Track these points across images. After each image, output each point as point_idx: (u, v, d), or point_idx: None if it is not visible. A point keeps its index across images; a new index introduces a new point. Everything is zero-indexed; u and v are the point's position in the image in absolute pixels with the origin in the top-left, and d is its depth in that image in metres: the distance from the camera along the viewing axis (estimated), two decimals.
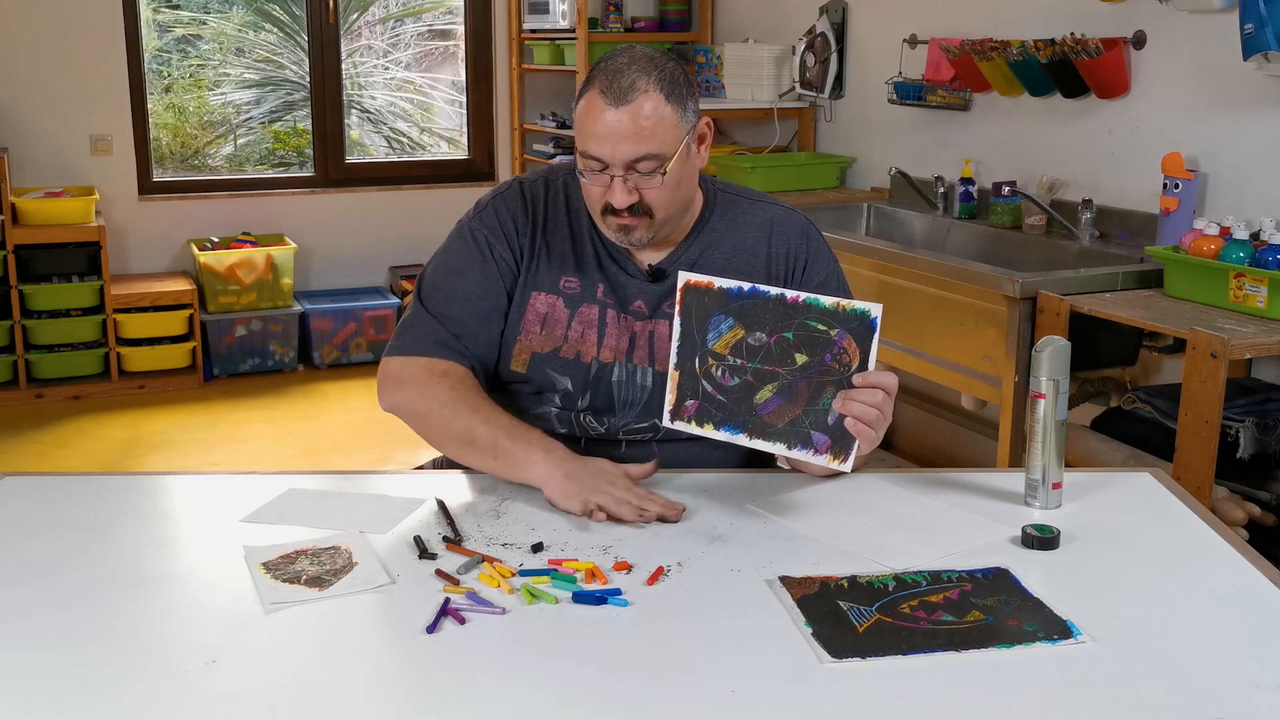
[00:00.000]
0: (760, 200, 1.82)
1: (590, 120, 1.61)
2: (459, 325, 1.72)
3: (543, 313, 1.73)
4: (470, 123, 5.76)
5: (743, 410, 1.52)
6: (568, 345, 1.73)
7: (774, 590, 1.33)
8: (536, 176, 1.81)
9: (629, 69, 1.61)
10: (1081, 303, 2.55)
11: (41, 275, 4.73)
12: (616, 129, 1.59)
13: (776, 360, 1.52)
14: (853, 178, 4.23)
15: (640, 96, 1.59)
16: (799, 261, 1.78)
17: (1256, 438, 2.39)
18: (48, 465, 4.13)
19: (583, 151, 1.63)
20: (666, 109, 1.61)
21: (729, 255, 1.76)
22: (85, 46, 4.92)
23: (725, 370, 1.53)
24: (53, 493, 1.63)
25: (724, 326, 1.54)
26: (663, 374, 1.71)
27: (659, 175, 1.62)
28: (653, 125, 1.60)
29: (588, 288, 1.74)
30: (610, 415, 1.74)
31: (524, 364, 1.74)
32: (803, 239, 1.79)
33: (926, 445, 4.00)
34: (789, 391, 1.51)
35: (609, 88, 1.60)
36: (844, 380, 1.50)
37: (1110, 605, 1.32)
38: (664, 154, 1.61)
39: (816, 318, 1.51)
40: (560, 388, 1.73)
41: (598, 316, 1.73)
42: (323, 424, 4.58)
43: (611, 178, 1.61)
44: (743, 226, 1.78)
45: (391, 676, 1.17)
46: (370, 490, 1.65)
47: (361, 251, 5.53)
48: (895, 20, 3.91)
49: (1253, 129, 2.76)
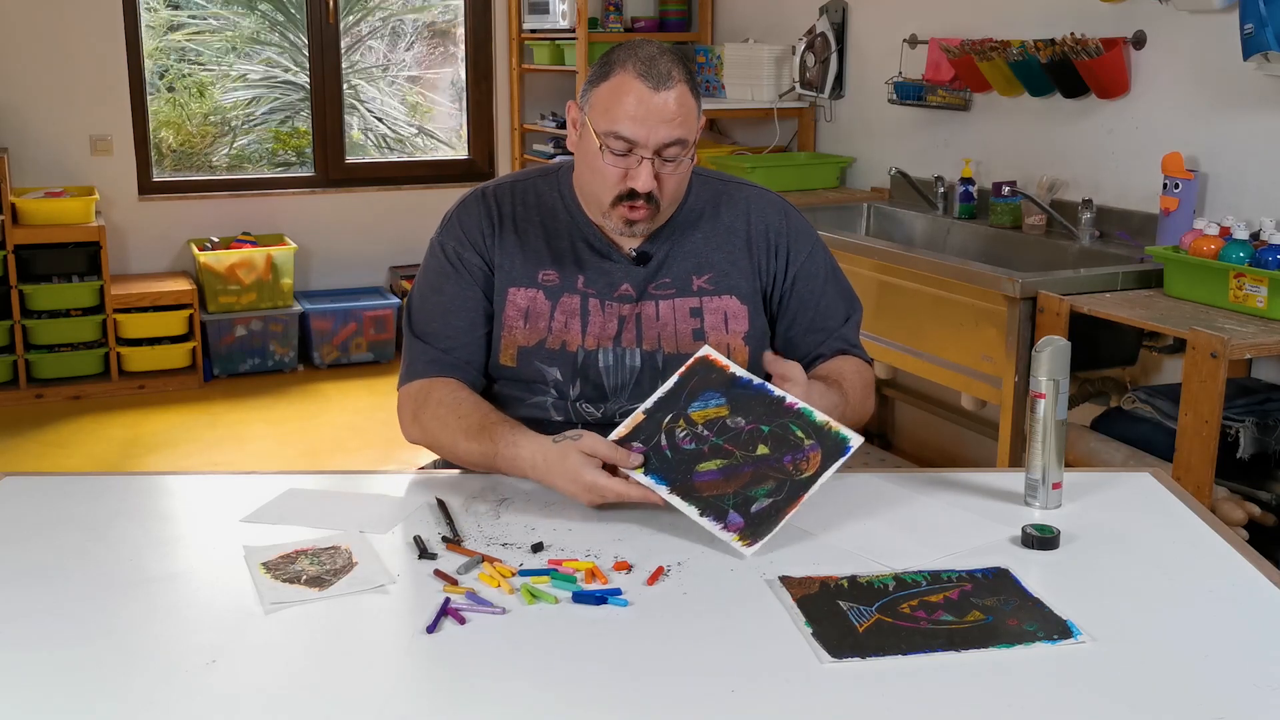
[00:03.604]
0: (734, 182, 1.85)
1: (626, 102, 1.62)
2: (446, 340, 1.76)
3: (523, 307, 1.76)
4: (470, 123, 5.76)
5: (680, 472, 1.49)
6: (552, 336, 1.75)
7: (774, 590, 1.33)
8: (501, 182, 1.83)
9: (661, 58, 1.64)
10: (1081, 303, 2.55)
11: (41, 275, 4.73)
12: (658, 112, 1.62)
13: (739, 444, 1.50)
14: (853, 178, 4.23)
15: (677, 84, 1.64)
16: (781, 238, 1.81)
17: (1256, 438, 2.39)
18: (48, 465, 4.13)
19: (611, 132, 1.64)
20: (692, 101, 1.67)
21: (708, 234, 1.79)
22: (85, 46, 4.92)
23: (688, 435, 1.51)
24: (53, 493, 1.63)
25: (712, 402, 1.53)
26: (651, 353, 1.74)
27: (685, 162, 1.66)
28: (685, 113, 1.64)
29: (567, 279, 1.76)
30: (604, 401, 1.76)
31: (512, 358, 1.76)
32: (781, 217, 1.82)
33: (926, 445, 4.00)
34: (732, 471, 1.48)
35: (648, 72, 1.62)
36: (791, 483, 1.46)
37: (1110, 605, 1.31)
38: (690, 141, 1.66)
39: (800, 425, 1.50)
40: (551, 378, 1.76)
41: (579, 306, 1.75)
42: (323, 424, 4.58)
43: (640, 159, 1.64)
44: (720, 206, 1.81)
45: (391, 676, 1.17)
46: (370, 490, 1.65)
47: (361, 251, 5.53)
48: (895, 20, 3.91)
49: (1253, 129, 2.76)
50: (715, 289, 1.77)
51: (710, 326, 1.76)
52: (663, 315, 1.76)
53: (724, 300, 1.77)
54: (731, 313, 1.77)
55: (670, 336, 1.76)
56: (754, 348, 1.78)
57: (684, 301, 1.76)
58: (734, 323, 1.77)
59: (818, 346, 1.81)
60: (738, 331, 1.77)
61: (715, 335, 1.76)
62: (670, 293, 1.76)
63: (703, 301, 1.77)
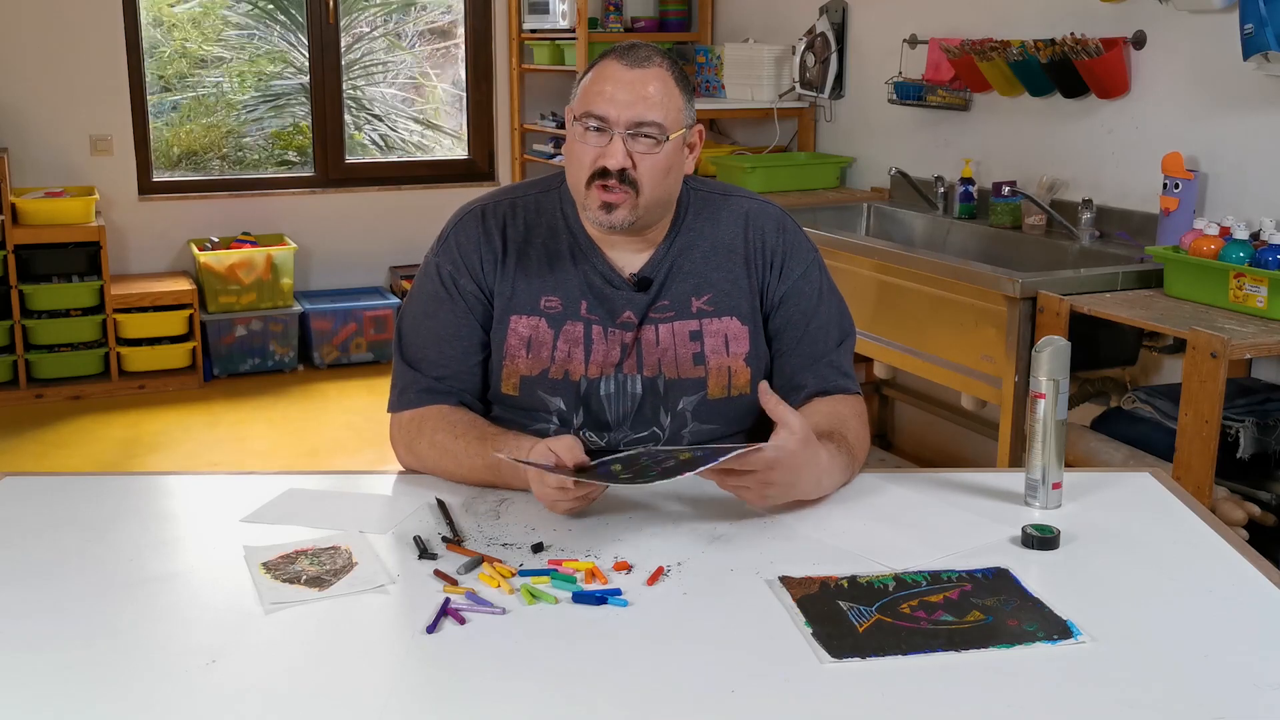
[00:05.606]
0: (734, 195, 1.82)
1: (600, 81, 1.63)
2: (439, 368, 1.73)
3: (525, 336, 1.72)
4: (470, 123, 5.76)
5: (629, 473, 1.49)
6: (555, 366, 1.71)
7: (774, 590, 1.33)
8: (500, 200, 1.78)
9: (644, 48, 1.66)
10: (1081, 303, 2.55)
11: (41, 275, 4.73)
12: (629, 89, 1.62)
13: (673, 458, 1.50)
14: (853, 178, 4.23)
15: (655, 68, 1.64)
16: (776, 255, 1.77)
17: (1256, 438, 2.39)
18: (48, 465, 4.13)
19: (585, 112, 1.63)
20: (675, 90, 1.66)
21: (707, 253, 1.75)
22: (85, 46, 4.92)
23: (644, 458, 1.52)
24: (53, 493, 1.63)
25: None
26: (652, 379, 1.72)
27: (658, 145, 1.63)
28: (661, 98, 1.63)
29: (570, 305, 1.72)
30: (607, 430, 1.73)
31: (514, 387, 1.73)
32: (778, 232, 1.78)
33: (926, 445, 4.00)
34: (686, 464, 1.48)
35: (625, 55, 1.65)
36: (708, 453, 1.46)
37: (1110, 605, 1.31)
38: (666, 127, 1.63)
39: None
40: (554, 408, 1.73)
41: (583, 334, 1.71)
42: (323, 424, 4.58)
43: (611, 137, 1.62)
44: (719, 223, 1.77)
45: (391, 676, 1.17)
46: (370, 490, 1.65)
47: (361, 251, 5.53)
48: (895, 20, 3.91)
49: (1253, 129, 2.76)
50: (715, 310, 1.73)
51: (711, 350, 1.72)
52: (662, 340, 1.72)
53: (724, 322, 1.73)
54: (732, 334, 1.73)
55: (671, 362, 1.72)
56: (755, 369, 1.74)
57: (683, 325, 1.72)
58: (734, 344, 1.73)
59: (807, 370, 1.75)
60: (738, 353, 1.73)
61: (716, 358, 1.72)
62: (669, 315, 1.72)
63: (702, 324, 1.72)
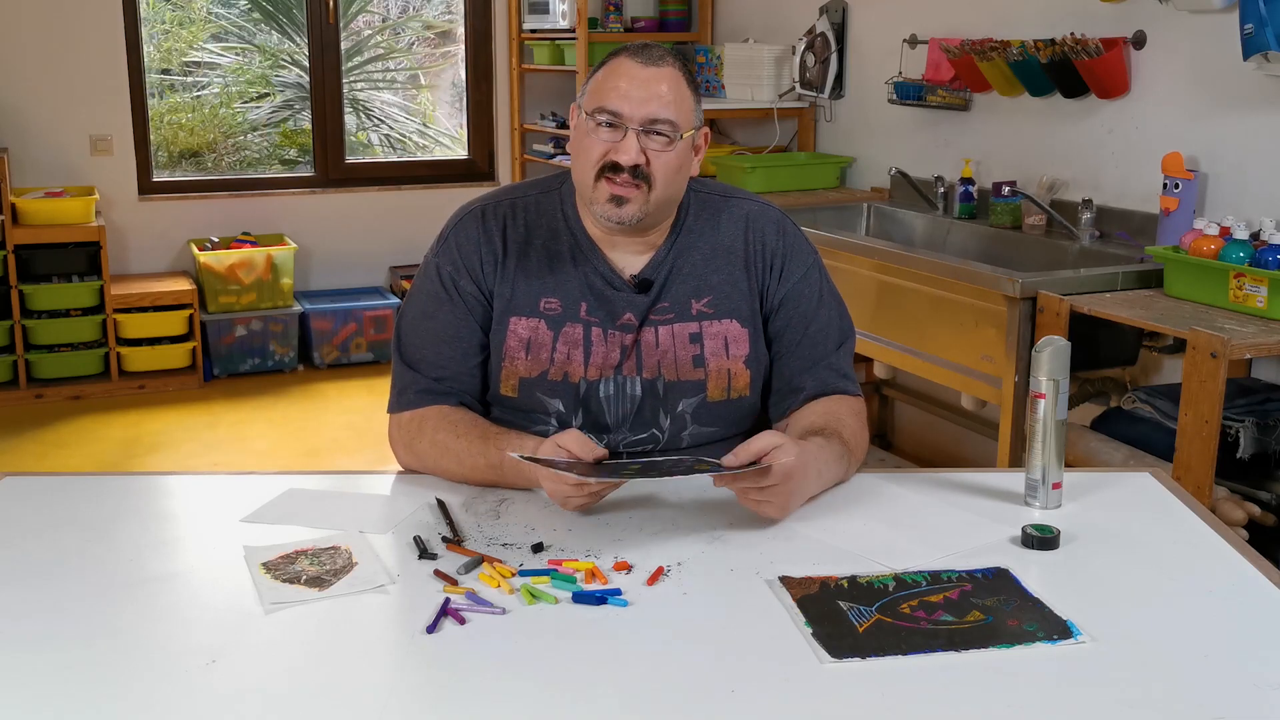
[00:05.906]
0: (734, 196, 1.81)
1: (615, 77, 1.64)
2: (438, 369, 1.72)
3: (525, 338, 1.71)
4: (470, 123, 5.76)
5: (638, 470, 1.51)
6: (554, 368, 1.71)
7: (774, 590, 1.33)
8: (500, 200, 1.78)
9: (657, 48, 1.68)
10: (1081, 303, 2.55)
11: (41, 275, 4.73)
12: (643, 87, 1.63)
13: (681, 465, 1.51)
14: (853, 178, 4.23)
15: (668, 68, 1.66)
16: (775, 257, 1.77)
17: (1256, 438, 2.39)
18: (48, 465, 4.13)
19: (598, 107, 1.64)
20: (686, 91, 1.67)
21: (708, 255, 1.75)
22: (85, 46, 4.92)
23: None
24: (53, 493, 1.63)
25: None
26: (651, 381, 1.72)
27: (671, 144, 1.64)
28: (675, 98, 1.65)
29: (569, 307, 1.71)
30: (606, 432, 1.73)
31: (513, 389, 1.73)
32: (778, 235, 1.78)
33: (926, 445, 4.00)
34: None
35: (638, 53, 1.66)
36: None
37: (1110, 605, 1.31)
38: (679, 125, 1.65)
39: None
40: (552, 409, 1.73)
41: (582, 335, 1.71)
42: (323, 424, 4.58)
43: (625, 132, 1.63)
44: (719, 225, 1.77)
45: (391, 676, 1.17)
46: (370, 490, 1.65)
47: (361, 251, 5.53)
48: (895, 20, 3.91)
49: (1253, 129, 2.76)
50: (715, 313, 1.73)
51: (710, 352, 1.72)
52: (662, 342, 1.72)
53: (724, 325, 1.73)
54: (732, 337, 1.73)
55: (670, 364, 1.72)
56: (755, 371, 1.74)
57: (683, 327, 1.72)
58: (734, 347, 1.73)
59: (807, 372, 1.75)
60: (738, 356, 1.73)
61: (716, 360, 1.72)
62: (669, 318, 1.72)
63: (702, 326, 1.72)
